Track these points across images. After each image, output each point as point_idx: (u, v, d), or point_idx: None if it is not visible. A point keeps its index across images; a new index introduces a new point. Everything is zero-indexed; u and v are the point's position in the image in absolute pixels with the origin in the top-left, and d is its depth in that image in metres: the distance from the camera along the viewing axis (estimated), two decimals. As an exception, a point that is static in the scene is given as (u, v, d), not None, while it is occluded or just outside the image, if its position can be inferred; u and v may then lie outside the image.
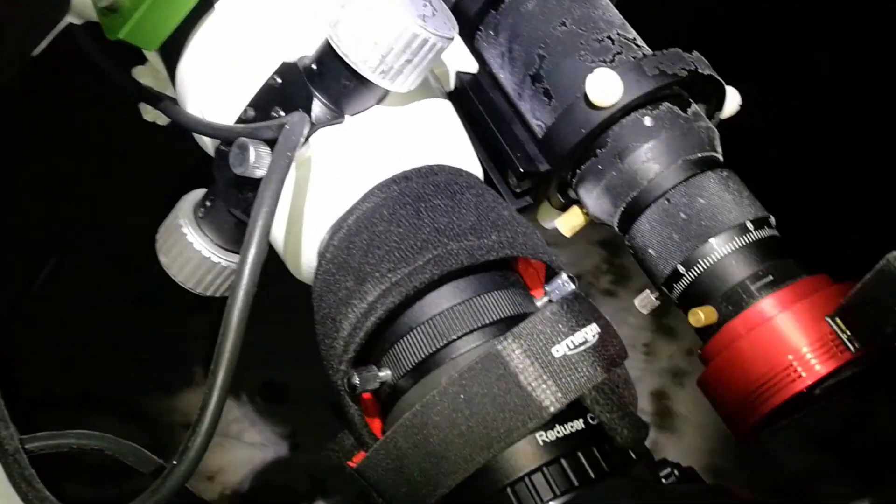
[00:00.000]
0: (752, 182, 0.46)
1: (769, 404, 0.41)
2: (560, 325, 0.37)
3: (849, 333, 0.39)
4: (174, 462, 0.34)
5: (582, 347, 0.37)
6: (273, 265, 0.45)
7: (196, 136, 0.52)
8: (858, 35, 0.75)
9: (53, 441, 0.40)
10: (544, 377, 0.36)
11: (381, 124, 0.44)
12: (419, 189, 0.42)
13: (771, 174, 0.47)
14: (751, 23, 0.81)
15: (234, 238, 0.49)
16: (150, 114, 0.61)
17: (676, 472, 0.36)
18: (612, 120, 0.46)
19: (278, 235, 0.45)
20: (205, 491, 0.88)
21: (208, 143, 0.51)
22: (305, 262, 0.45)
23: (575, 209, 0.50)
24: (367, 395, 0.42)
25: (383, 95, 0.44)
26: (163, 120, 0.61)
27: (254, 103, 0.45)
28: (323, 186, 0.43)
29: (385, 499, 0.40)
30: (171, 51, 0.49)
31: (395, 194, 0.42)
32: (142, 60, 0.57)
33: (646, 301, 0.48)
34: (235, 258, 0.50)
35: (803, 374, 0.40)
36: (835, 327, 0.40)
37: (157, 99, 0.53)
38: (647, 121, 0.46)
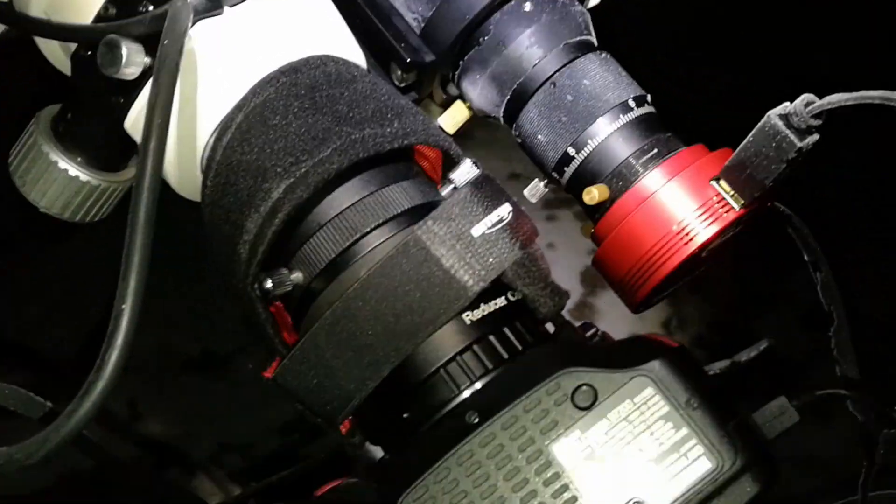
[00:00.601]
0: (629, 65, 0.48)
1: (663, 271, 0.43)
2: (475, 207, 0.37)
3: (732, 193, 0.42)
4: (89, 382, 0.31)
5: (499, 226, 0.37)
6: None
7: (42, 44, 0.46)
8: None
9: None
10: (466, 257, 0.36)
11: (262, 15, 0.42)
12: (311, 80, 0.40)
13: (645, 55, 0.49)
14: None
15: (104, 153, 0.45)
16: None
17: (600, 332, 0.38)
18: (494, 6, 0.45)
19: None
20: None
21: (57, 51, 0.46)
22: (189, 169, 0.42)
23: (458, 104, 0.50)
24: (275, 305, 0.41)
25: (260, -15, 0.41)
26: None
27: None
28: (204, 83, 0.40)
29: (307, 404, 0.39)
30: None
31: (287, 86, 0.40)
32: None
33: (535, 190, 0.49)
34: (107, 176, 0.45)
35: (694, 238, 0.42)
36: (719, 189, 0.42)
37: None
38: (527, 6, 0.46)
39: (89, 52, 0.42)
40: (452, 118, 0.50)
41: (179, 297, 0.88)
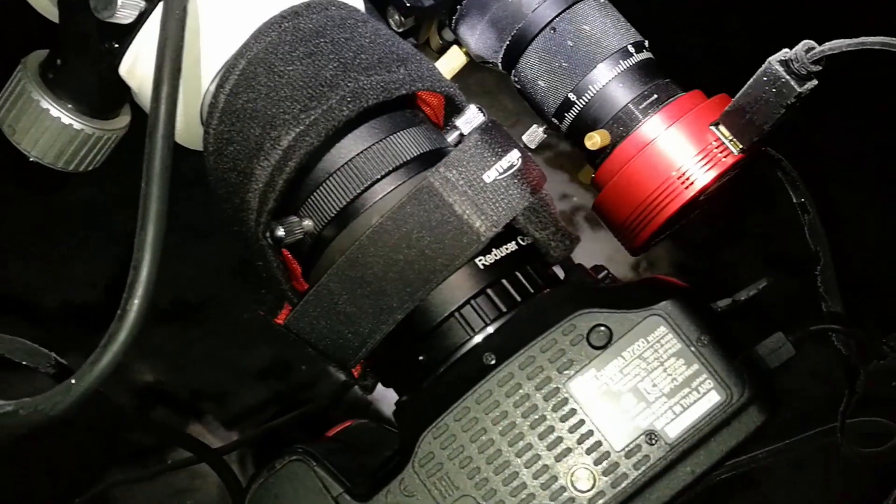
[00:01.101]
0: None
1: (663, 215, 0.44)
2: (486, 153, 0.38)
3: (731, 138, 0.43)
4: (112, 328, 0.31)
5: (510, 171, 0.38)
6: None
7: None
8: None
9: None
10: (479, 203, 0.37)
11: (262, -42, 0.40)
12: (314, 24, 0.40)
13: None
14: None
15: (96, 100, 0.44)
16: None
17: (610, 274, 0.39)
18: (495, -50, 0.45)
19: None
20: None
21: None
22: (189, 117, 0.41)
23: (455, 50, 0.50)
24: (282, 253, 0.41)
25: (259, -75, 0.40)
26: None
27: None
28: (204, 29, 0.39)
29: (320, 348, 0.39)
30: None
31: (290, 30, 0.39)
32: None
33: (534, 135, 0.49)
34: (101, 123, 0.44)
35: (693, 182, 0.43)
36: (719, 133, 0.43)
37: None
38: (527, -50, 0.46)
39: None
40: (449, 64, 0.50)
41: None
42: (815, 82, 0.40)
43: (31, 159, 0.44)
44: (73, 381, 0.31)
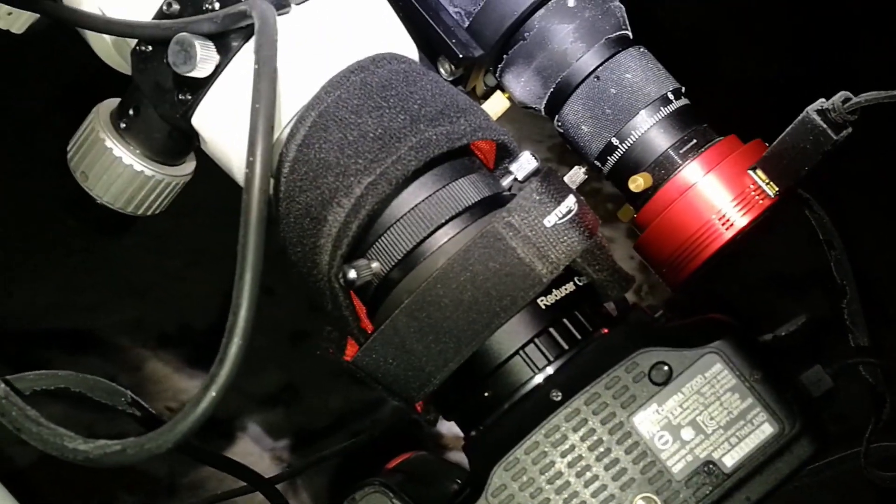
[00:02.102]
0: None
1: (704, 255, 0.47)
2: (545, 199, 0.40)
3: (768, 181, 0.46)
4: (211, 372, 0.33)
5: (568, 216, 0.40)
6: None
7: (93, 40, 0.47)
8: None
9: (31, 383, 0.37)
10: (540, 246, 0.39)
11: (329, 13, 0.43)
12: (381, 78, 0.42)
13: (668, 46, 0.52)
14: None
15: (166, 148, 0.46)
16: (3, 20, 0.54)
17: (666, 312, 0.41)
18: (541, 2, 0.48)
19: (225, 141, 0.43)
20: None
21: (108, 46, 0.46)
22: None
23: (499, 95, 0.52)
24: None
25: (325, -18, 0.43)
26: (18, 27, 0.54)
27: None
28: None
29: (385, 385, 0.41)
30: None
31: (358, 84, 0.41)
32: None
33: (576, 176, 0.52)
34: (169, 170, 0.46)
35: (732, 224, 0.46)
36: (756, 177, 0.46)
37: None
38: (571, 2, 0.48)
39: (150, 48, 0.43)
40: (493, 108, 0.52)
41: (154, 271, 0.88)
42: (850, 130, 0.43)
43: (98, 202, 0.46)
44: (176, 420, 0.33)
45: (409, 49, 0.46)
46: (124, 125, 0.45)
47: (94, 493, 0.81)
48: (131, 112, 0.45)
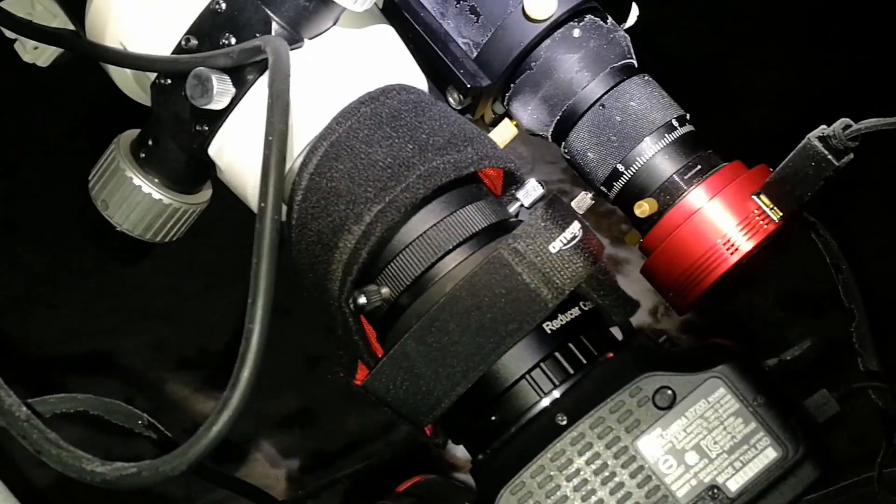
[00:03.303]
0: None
1: (710, 279, 0.47)
2: (550, 225, 0.41)
3: (772, 206, 0.46)
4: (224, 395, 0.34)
5: (573, 242, 0.41)
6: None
7: (115, 73, 0.48)
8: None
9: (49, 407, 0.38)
10: (546, 272, 0.40)
11: (340, 46, 0.44)
12: (390, 109, 0.43)
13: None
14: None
15: (184, 177, 0.47)
16: (29, 53, 0.56)
17: (670, 337, 0.42)
18: (547, 32, 0.49)
19: (240, 171, 0.44)
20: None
21: (129, 79, 0.48)
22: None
23: (506, 122, 0.53)
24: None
25: (337, 17, 0.44)
26: (43, 60, 0.56)
27: (195, 31, 0.43)
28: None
29: (394, 408, 0.42)
30: None
31: (369, 115, 0.43)
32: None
33: (582, 202, 0.53)
34: (187, 198, 0.48)
35: (737, 249, 0.47)
36: (760, 203, 0.47)
37: (54, 35, 0.49)
38: (576, 32, 0.49)
39: (169, 81, 0.44)
40: (501, 135, 0.54)
41: (172, 295, 0.90)
42: (851, 156, 0.43)
43: (118, 230, 0.48)
44: (189, 444, 0.34)
45: (418, 80, 0.47)
46: (144, 155, 0.47)
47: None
48: (150, 143, 0.47)
